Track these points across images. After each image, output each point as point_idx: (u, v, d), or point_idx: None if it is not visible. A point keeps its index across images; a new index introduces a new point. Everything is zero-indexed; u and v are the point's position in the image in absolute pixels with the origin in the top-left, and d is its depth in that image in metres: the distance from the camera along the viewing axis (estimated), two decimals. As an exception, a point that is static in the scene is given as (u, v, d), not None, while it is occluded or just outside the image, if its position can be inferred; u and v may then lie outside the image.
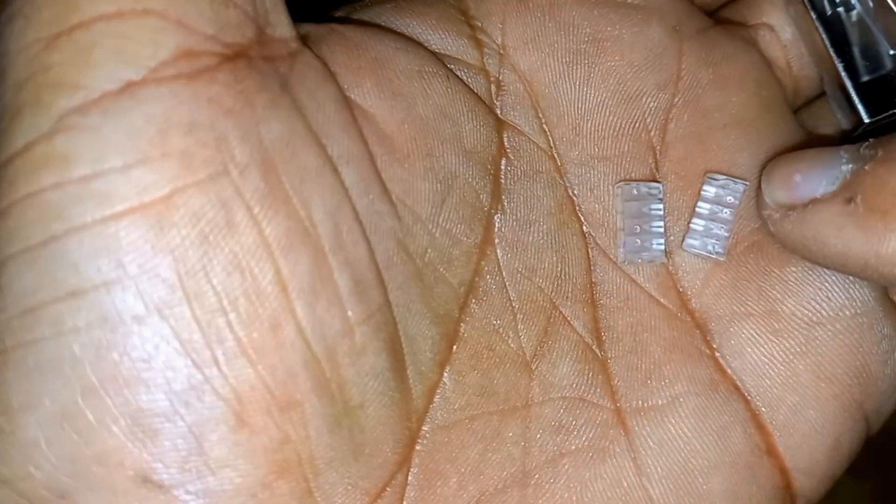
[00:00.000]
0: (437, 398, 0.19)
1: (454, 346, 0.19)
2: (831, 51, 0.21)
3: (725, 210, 0.20)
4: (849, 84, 0.21)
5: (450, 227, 0.19)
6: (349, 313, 0.16)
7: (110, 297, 0.15)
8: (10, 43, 0.16)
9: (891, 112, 0.21)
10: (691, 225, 0.20)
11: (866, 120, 0.21)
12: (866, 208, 0.17)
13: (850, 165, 0.18)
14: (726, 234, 0.20)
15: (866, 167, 0.17)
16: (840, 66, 0.21)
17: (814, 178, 0.18)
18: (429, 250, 0.19)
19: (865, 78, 0.21)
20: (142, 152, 0.15)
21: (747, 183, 0.20)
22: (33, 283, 0.15)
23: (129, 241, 0.15)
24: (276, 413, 0.16)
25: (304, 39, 0.18)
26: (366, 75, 0.18)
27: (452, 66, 0.20)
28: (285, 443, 0.16)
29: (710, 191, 0.20)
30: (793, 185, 0.19)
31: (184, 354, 0.15)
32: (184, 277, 0.15)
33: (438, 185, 0.19)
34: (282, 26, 0.17)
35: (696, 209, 0.20)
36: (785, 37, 0.22)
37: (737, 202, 0.20)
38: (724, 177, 0.20)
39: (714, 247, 0.20)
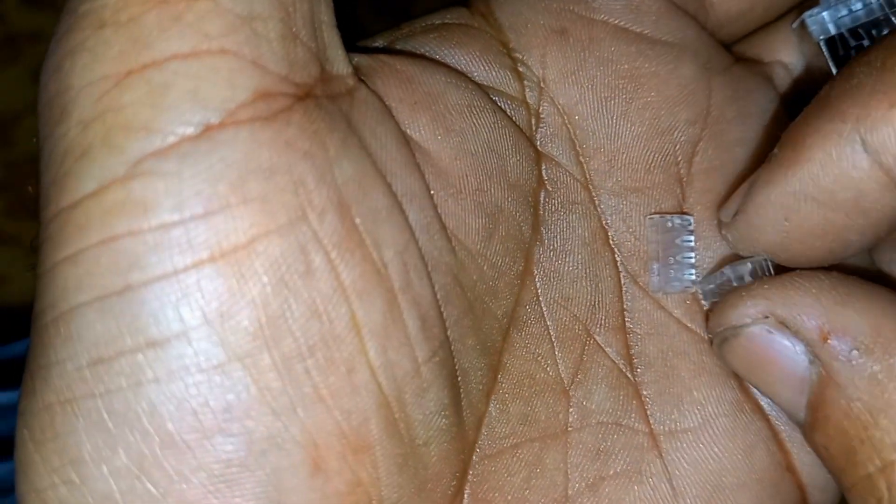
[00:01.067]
0: (484, 429, 0.19)
1: (499, 376, 0.19)
2: None
3: (685, 240, 0.21)
4: None
5: (496, 260, 0.19)
6: (417, 353, 0.17)
7: (192, 348, 0.15)
8: (74, 78, 0.15)
9: None
10: (658, 266, 0.21)
11: None
12: None
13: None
14: (692, 261, 0.21)
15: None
16: None
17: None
18: (478, 283, 0.19)
19: None
20: (222, 199, 0.15)
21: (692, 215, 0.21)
22: (108, 332, 0.14)
23: (210, 290, 0.15)
24: (350, 457, 0.16)
25: (357, 72, 0.18)
26: (421, 110, 0.18)
27: (495, 98, 0.20)
28: (358, 486, 0.16)
29: (662, 230, 0.21)
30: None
31: (263, 403, 0.15)
32: (264, 325, 0.15)
33: (487, 219, 0.19)
34: (339, 62, 0.17)
35: (656, 252, 0.21)
36: (797, 74, 0.23)
37: (691, 227, 0.21)
38: (668, 214, 0.21)
39: (688, 275, 0.21)
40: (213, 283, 0.15)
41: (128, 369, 0.14)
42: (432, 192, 0.18)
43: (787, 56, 0.23)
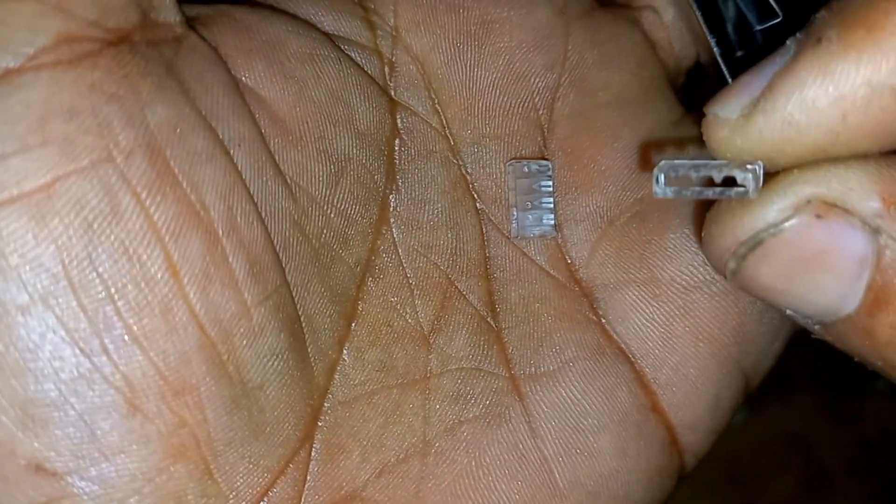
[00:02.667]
0: (337, 375, 0.19)
1: (353, 324, 0.19)
2: (705, 28, 0.22)
3: (544, 185, 0.21)
4: (721, 60, 0.22)
5: (344, 208, 0.19)
6: (245, 295, 0.17)
7: None
8: None
9: None
10: (517, 212, 0.21)
11: None
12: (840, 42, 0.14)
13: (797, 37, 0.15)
14: (550, 206, 0.21)
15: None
16: (713, 42, 0.22)
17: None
18: (324, 231, 0.19)
19: (739, 53, 0.22)
20: (20, 140, 0.15)
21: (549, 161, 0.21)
22: None
23: (9, 232, 0.15)
24: (171, 398, 0.16)
25: (193, 22, 0.18)
26: (257, 58, 0.18)
27: (346, 48, 0.20)
28: (181, 427, 0.16)
29: (520, 175, 0.21)
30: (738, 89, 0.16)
31: (71, 343, 0.15)
32: (68, 266, 0.15)
33: (332, 166, 0.19)
34: (166, 10, 0.17)
35: (514, 198, 0.20)
36: (667, 18, 0.23)
37: (550, 172, 0.21)
38: (525, 160, 0.21)
39: (547, 220, 0.21)
40: (14, 224, 0.15)
41: None
42: (268, 138, 0.18)
43: (655, 0, 0.23)
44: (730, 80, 0.22)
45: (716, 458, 0.23)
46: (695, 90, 0.25)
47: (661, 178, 0.16)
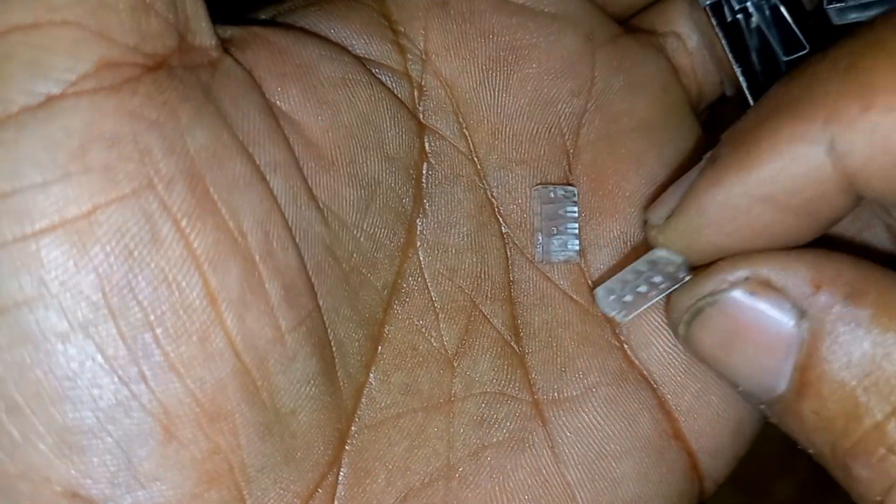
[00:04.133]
0: (364, 399, 0.19)
1: (379, 347, 0.20)
2: (731, 56, 0.22)
3: (569, 211, 0.21)
4: (746, 87, 0.22)
5: (374, 232, 0.19)
6: (280, 321, 0.17)
7: (33, 315, 0.15)
8: None
9: None
10: (542, 237, 0.21)
11: None
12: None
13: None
14: (576, 231, 0.21)
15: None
16: (738, 71, 0.22)
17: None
18: (354, 254, 0.19)
19: (764, 82, 0.22)
20: (62, 167, 0.15)
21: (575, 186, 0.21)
22: None
23: (50, 259, 0.15)
24: (206, 424, 0.16)
25: (227, 44, 0.18)
26: (291, 82, 0.18)
27: (376, 71, 0.20)
28: (215, 453, 0.16)
29: (546, 200, 0.21)
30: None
31: (109, 371, 0.15)
32: (108, 294, 0.15)
33: (363, 191, 0.19)
34: (202, 34, 0.17)
35: (539, 223, 0.21)
36: (691, 44, 0.23)
37: (575, 198, 0.21)
38: (551, 185, 0.21)
39: (572, 246, 0.21)
40: (54, 251, 0.15)
41: None
42: (302, 163, 0.18)
43: (679, 27, 0.23)
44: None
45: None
46: (718, 115, 0.25)
47: (606, 299, 0.20)
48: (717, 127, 0.24)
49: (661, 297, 0.20)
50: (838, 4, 0.22)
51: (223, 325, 0.16)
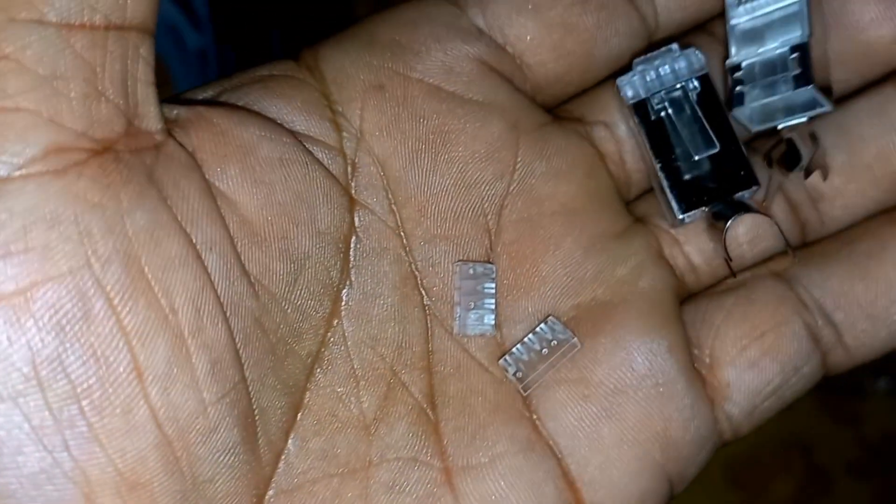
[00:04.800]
0: (281, 464, 0.20)
1: (299, 414, 0.20)
2: (650, 152, 0.24)
3: (487, 287, 0.22)
4: (665, 183, 0.24)
5: (301, 304, 0.20)
6: (204, 394, 0.18)
7: None
8: None
9: (700, 209, 0.24)
10: (460, 311, 0.22)
11: (678, 216, 0.23)
12: None
13: None
14: (492, 307, 0.22)
15: None
16: (658, 167, 0.24)
17: None
18: (281, 325, 0.20)
19: (686, 177, 0.24)
20: (3, 247, 0.15)
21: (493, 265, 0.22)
22: None
23: None
24: (125, 492, 0.17)
25: (172, 124, 0.19)
26: (231, 163, 0.19)
27: (313, 147, 0.21)
28: None
29: (466, 276, 0.22)
30: None
31: (35, 440, 0.16)
32: (39, 367, 0.16)
33: (292, 264, 0.20)
34: (150, 118, 0.18)
35: (459, 297, 0.22)
36: (619, 133, 0.25)
37: (494, 275, 0.22)
38: (472, 262, 0.22)
39: (488, 320, 0.22)
40: None
41: None
42: (236, 240, 0.19)
43: (607, 116, 0.25)
44: (674, 203, 0.23)
45: (716, 459, 0.24)
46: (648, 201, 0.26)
47: (510, 364, 0.22)
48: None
49: (557, 359, 0.22)
50: (742, 111, 0.24)
51: (147, 398, 0.17)
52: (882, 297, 0.23)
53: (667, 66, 0.24)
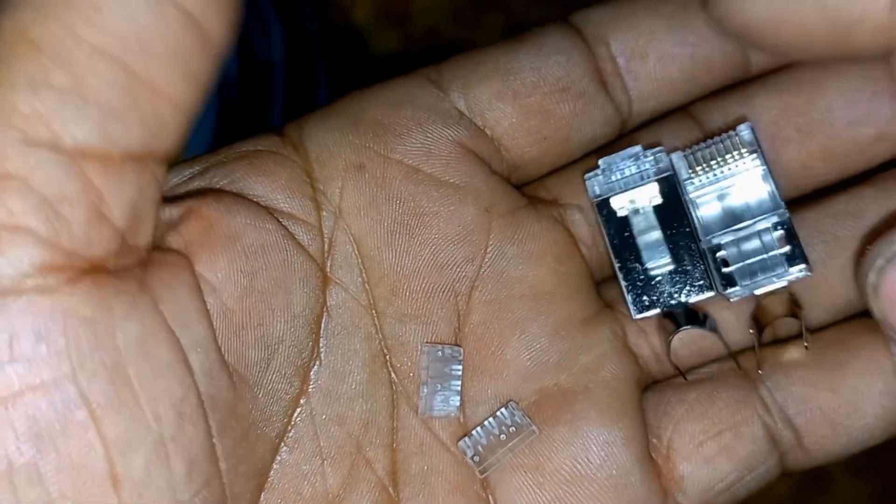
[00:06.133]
0: None
1: (263, 494, 0.21)
2: (610, 249, 0.24)
3: (454, 369, 0.23)
4: (623, 283, 0.24)
5: (272, 387, 0.21)
6: (179, 495, 0.18)
7: None
8: None
9: (654, 312, 0.24)
10: (427, 392, 0.23)
11: (633, 316, 0.24)
12: None
13: None
14: (458, 389, 0.23)
15: None
16: (616, 266, 0.24)
17: None
18: (253, 410, 0.20)
19: (642, 278, 0.24)
20: None
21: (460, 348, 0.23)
22: None
23: None
24: None
25: (167, 224, 0.19)
26: (219, 253, 0.20)
27: (294, 226, 0.22)
28: None
29: (434, 358, 0.23)
30: None
31: None
32: (14, 473, 0.15)
33: (266, 350, 0.20)
34: (143, 234, 0.18)
35: (426, 377, 0.23)
36: (591, 217, 0.25)
37: (461, 357, 0.23)
38: (440, 344, 0.23)
39: (453, 402, 0.23)
40: None
41: None
42: (218, 333, 0.19)
43: (582, 199, 0.25)
44: (630, 303, 0.24)
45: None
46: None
47: (468, 447, 0.23)
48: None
49: (516, 444, 0.22)
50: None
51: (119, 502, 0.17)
52: (844, 406, 0.23)
53: (633, 167, 0.24)
